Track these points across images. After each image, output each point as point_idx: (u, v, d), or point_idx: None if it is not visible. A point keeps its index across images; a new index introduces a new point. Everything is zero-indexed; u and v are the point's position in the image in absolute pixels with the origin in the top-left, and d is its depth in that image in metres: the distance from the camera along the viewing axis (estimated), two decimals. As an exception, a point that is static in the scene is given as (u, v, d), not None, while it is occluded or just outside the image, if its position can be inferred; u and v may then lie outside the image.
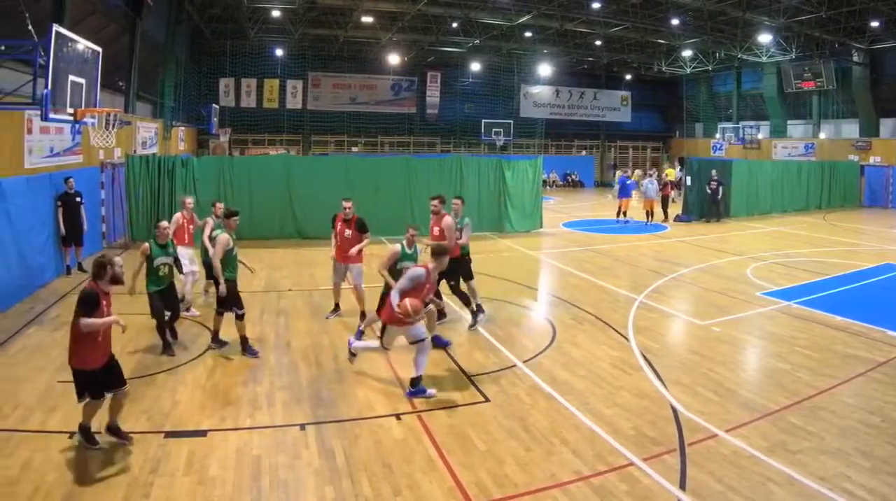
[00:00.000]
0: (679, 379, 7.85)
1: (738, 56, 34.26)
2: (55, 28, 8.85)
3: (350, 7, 27.81)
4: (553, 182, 41.05)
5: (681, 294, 12.57)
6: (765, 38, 30.68)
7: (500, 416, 6.71)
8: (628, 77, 44.59)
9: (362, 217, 9.96)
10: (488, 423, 6.55)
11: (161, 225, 8.64)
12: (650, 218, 22.90)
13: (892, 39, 29.10)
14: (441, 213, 9.77)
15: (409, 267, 8.33)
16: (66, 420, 6.29)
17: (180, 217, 10.65)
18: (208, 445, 5.98)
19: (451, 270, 9.01)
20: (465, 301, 10.00)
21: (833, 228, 22.78)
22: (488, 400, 7.16)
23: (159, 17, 24.54)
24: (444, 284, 9.65)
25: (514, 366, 8.26)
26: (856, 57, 31.32)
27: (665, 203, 24.22)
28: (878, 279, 13.78)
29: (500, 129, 40.56)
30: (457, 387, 7.50)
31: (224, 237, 8.49)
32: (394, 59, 36.67)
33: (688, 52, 36.78)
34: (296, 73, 37.61)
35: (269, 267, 14.13)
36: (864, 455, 5.87)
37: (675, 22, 29.44)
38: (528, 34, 33.93)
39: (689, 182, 24.44)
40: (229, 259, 8.50)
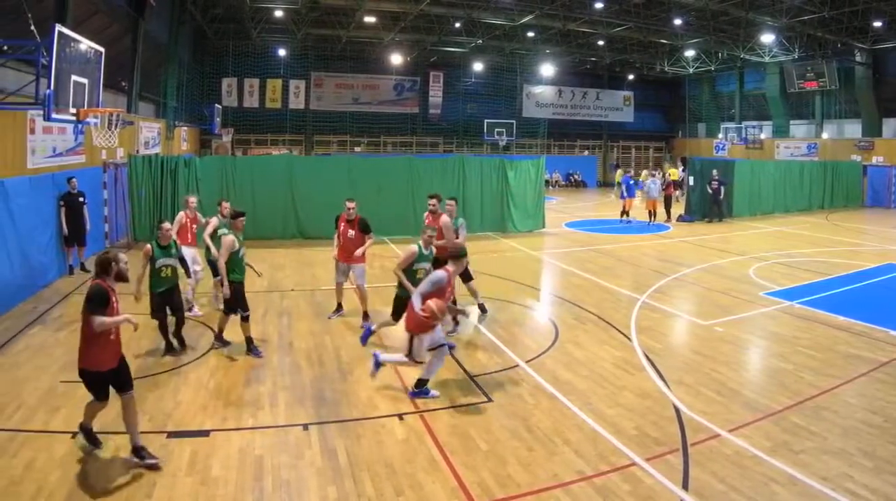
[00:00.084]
0: (682, 378, 7.85)
1: (741, 56, 34.23)
2: (58, 28, 8.86)
3: (352, 7, 27.80)
4: (555, 182, 41.02)
5: (683, 294, 12.56)
6: (767, 37, 30.67)
7: (503, 416, 6.71)
8: (631, 77, 44.55)
9: (365, 217, 9.96)
10: (491, 423, 6.55)
11: (163, 226, 8.57)
12: (653, 218, 22.89)
13: (895, 39, 29.05)
14: (438, 213, 9.79)
15: (426, 267, 8.35)
16: (69, 420, 6.29)
17: (183, 216, 10.69)
18: (211, 445, 5.99)
19: None
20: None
21: (835, 228, 22.74)
22: (491, 400, 7.16)
23: (162, 17, 24.55)
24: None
25: (516, 366, 8.26)
26: (858, 57, 31.26)
27: (668, 203, 24.20)
28: (880, 279, 13.76)
29: (503, 129, 40.51)
30: (459, 387, 7.51)
31: (229, 239, 8.45)
32: (396, 58, 36.66)
33: (690, 52, 36.73)
34: (298, 73, 37.62)
35: (271, 267, 14.15)
36: (866, 455, 5.87)
37: (678, 22, 29.41)
38: (531, 34, 33.90)
39: (691, 182, 24.43)
40: (236, 260, 8.46)
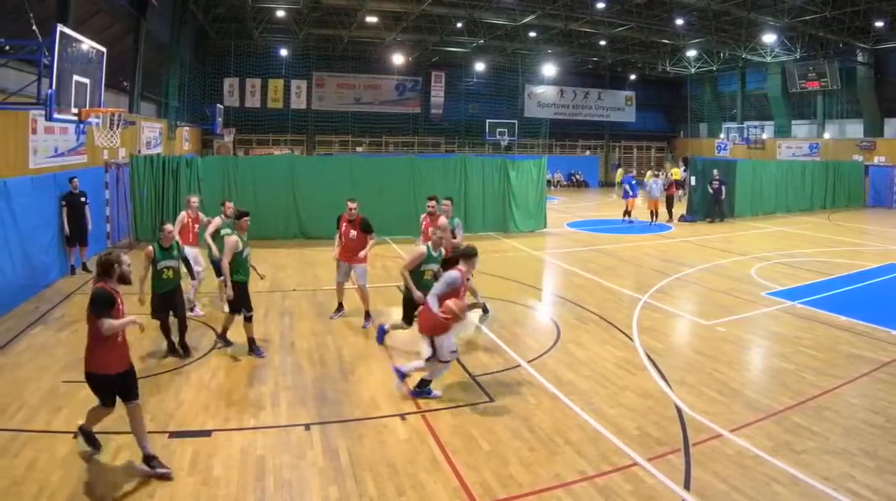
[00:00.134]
0: (683, 378, 7.84)
1: (743, 56, 34.22)
2: (59, 28, 8.85)
3: (354, 7, 27.80)
4: (557, 182, 41.01)
5: (685, 294, 12.55)
6: (769, 38, 30.65)
7: (505, 416, 6.71)
8: (633, 77, 44.54)
9: (366, 217, 9.96)
10: (493, 423, 6.55)
11: (166, 228, 8.47)
12: (654, 218, 22.88)
13: (897, 39, 29.04)
14: (437, 214, 9.77)
15: (434, 269, 8.32)
16: (71, 420, 6.29)
17: (185, 216, 10.70)
18: (212, 445, 5.99)
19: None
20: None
21: (837, 228, 22.72)
22: (493, 400, 7.16)
23: (164, 17, 24.57)
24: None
25: (518, 366, 8.26)
26: (860, 57, 31.20)
27: (670, 203, 24.18)
28: (882, 279, 13.74)
29: (505, 129, 40.47)
30: (461, 388, 7.50)
31: (233, 239, 8.44)
32: (398, 59, 36.65)
33: (692, 52, 36.71)
34: (300, 73, 37.61)
35: (273, 267, 14.16)
36: (868, 455, 5.86)
37: (680, 22, 29.40)
38: (533, 34, 33.90)
39: (693, 182, 24.41)
40: (239, 261, 8.45)
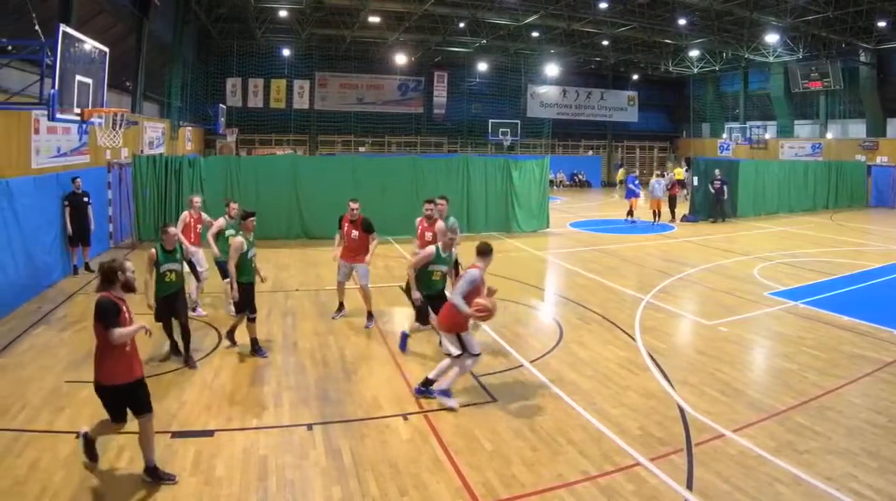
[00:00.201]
0: (686, 379, 7.84)
1: (745, 56, 34.16)
2: (62, 28, 8.85)
3: (357, 7, 27.81)
4: (560, 182, 41.00)
5: (688, 294, 12.54)
6: (772, 38, 30.58)
7: (507, 416, 6.70)
8: (635, 77, 44.47)
9: (368, 217, 9.94)
10: (495, 423, 6.54)
11: (169, 230, 8.21)
12: (657, 218, 22.86)
13: (900, 39, 28.98)
14: (434, 218, 9.61)
15: (443, 270, 8.30)
16: (74, 420, 6.32)
17: (187, 216, 10.69)
18: (215, 445, 5.99)
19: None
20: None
21: (840, 228, 22.68)
22: (495, 400, 7.16)
23: (166, 17, 24.61)
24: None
25: (520, 366, 8.25)
26: (863, 57, 31.15)
27: (672, 203, 24.15)
28: (885, 279, 13.71)
29: (507, 129, 40.46)
30: (464, 387, 7.49)
31: (238, 241, 8.41)
32: (401, 59, 36.62)
33: (695, 52, 36.66)
34: (303, 73, 37.60)
35: (276, 267, 14.17)
36: (871, 455, 5.85)
37: (682, 22, 29.35)
38: (535, 34, 33.87)
39: (695, 182, 24.38)
40: (245, 261, 8.43)
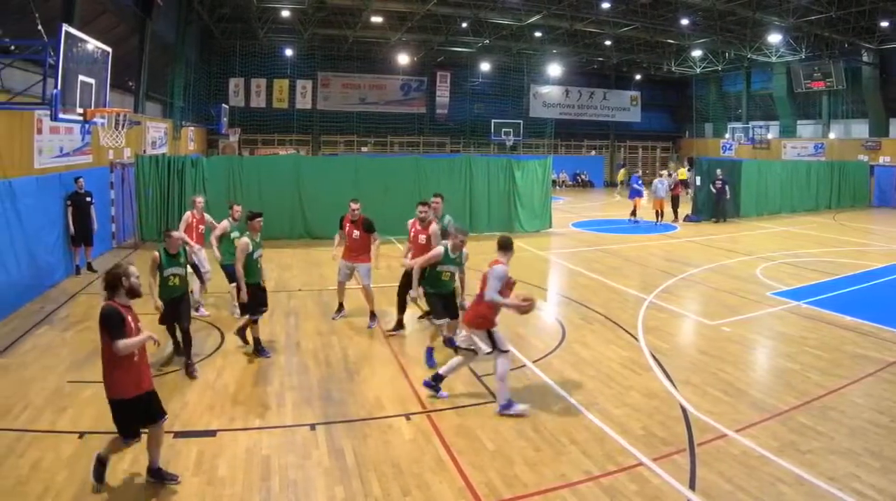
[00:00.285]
0: (689, 379, 7.83)
1: (748, 56, 34.11)
2: (65, 28, 8.86)
3: (359, 7, 27.81)
4: (563, 182, 40.97)
5: (690, 294, 12.52)
6: (774, 38, 30.53)
7: (510, 416, 6.69)
8: (638, 77, 44.44)
9: (370, 217, 9.92)
10: (498, 423, 6.54)
11: (173, 234, 8.03)
12: (660, 218, 22.84)
13: (902, 39, 28.94)
14: (429, 220, 9.42)
15: (452, 270, 8.20)
16: (76, 420, 6.33)
17: (190, 216, 10.70)
18: (217, 445, 6.00)
19: None
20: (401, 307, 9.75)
21: (842, 228, 22.65)
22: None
23: (169, 17, 24.63)
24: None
25: (523, 366, 8.24)
26: (865, 57, 31.10)
27: (675, 203, 24.13)
28: (887, 279, 13.69)
29: (510, 129, 40.46)
30: (466, 388, 7.50)
31: (244, 242, 8.41)
32: (403, 58, 36.62)
33: (697, 52, 36.62)
34: (305, 73, 37.62)
35: (278, 267, 14.19)
36: (873, 455, 5.85)
37: (685, 22, 29.32)
38: (538, 34, 33.85)
39: (698, 182, 24.35)
40: (250, 262, 8.43)
